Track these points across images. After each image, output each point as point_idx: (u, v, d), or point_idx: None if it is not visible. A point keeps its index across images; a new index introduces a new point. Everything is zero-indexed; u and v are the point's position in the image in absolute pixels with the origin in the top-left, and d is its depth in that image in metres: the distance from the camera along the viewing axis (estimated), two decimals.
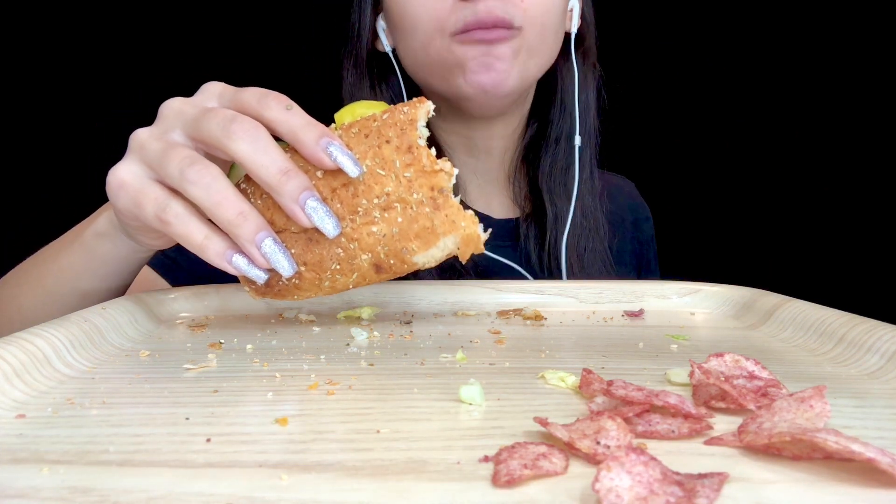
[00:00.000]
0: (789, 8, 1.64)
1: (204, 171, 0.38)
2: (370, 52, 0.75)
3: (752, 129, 1.72)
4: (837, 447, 0.21)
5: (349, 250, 0.41)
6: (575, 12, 0.73)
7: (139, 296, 0.50)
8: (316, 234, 0.41)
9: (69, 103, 1.59)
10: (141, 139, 0.41)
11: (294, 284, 0.42)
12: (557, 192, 0.76)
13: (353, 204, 0.40)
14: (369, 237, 0.40)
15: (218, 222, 0.38)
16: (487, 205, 0.80)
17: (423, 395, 0.31)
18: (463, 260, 0.41)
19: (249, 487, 0.21)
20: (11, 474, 0.22)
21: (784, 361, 0.38)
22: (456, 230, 0.40)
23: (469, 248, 0.41)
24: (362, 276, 0.42)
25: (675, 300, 0.56)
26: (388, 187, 0.40)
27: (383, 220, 0.40)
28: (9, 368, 0.31)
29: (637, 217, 0.91)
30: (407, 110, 0.40)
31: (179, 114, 0.41)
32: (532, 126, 0.79)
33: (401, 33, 0.69)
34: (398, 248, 0.41)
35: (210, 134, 0.38)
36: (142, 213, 0.40)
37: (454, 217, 0.40)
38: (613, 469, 0.20)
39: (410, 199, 0.40)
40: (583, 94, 0.77)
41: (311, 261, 0.41)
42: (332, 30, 0.96)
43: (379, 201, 0.40)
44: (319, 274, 0.41)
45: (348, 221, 0.40)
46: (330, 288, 0.43)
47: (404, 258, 0.41)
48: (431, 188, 0.40)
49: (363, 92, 0.75)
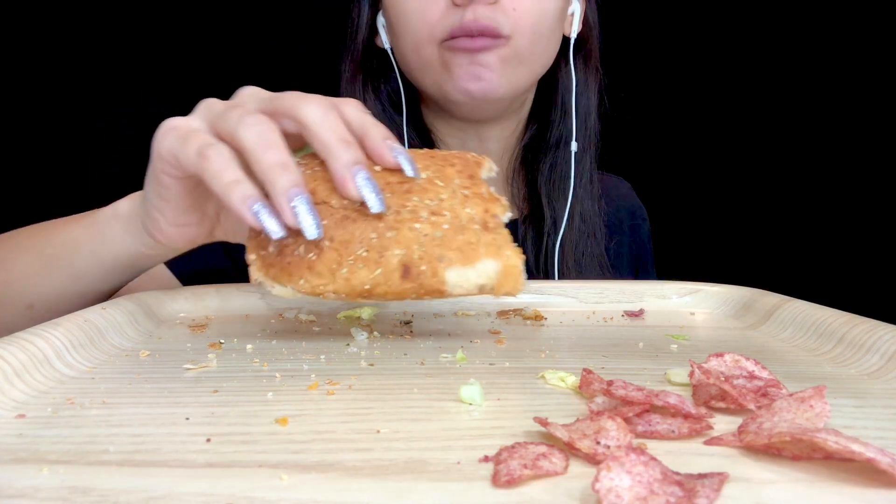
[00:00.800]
0: (790, 11, 1.64)
1: (263, 120, 0.38)
2: (367, 47, 0.75)
3: (752, 130, 1.72)
4: (837, 447, 0.21)
5: (384, 238, 0.37)
6: (576, 16, 0.72)
7: (139, 295, 0.50)
8: (353, 214, 0.38)
9: (69, 103, 1.59)
10: (208, 102, 0.41)
11: (309, 260, 0.38)
12: (556, 196, 0.76)
13: (403, 199, 0.38)
14: (410, 232, 0.38)
15: (259, 167, 0.37)
16: None
17: (423, 395, 0.31)
18: (496, 295, 0.39)
19: (249, 487, 0.21)
20: (11, 474, 0.22)
21: (784, 361, 0.38)
22: (499, 257, 0.38)
23: (507, 281, 0.38)
24: (385, 276, 0.38)
25: (675, 300, 0.56)
26: (442, 195, 0.39)
27: (429, 221, 0.38)
28: (9, 368, 0.31)
29: (634, 219, 0.90)
30: (474, 155, 0.42)
31: (252, 93, 0.41)
32: (531, 129, 0.79)
33: (395, 33, 0.70)
34: (435, 253, 0.38)
35: (284, 103, 0.39)
36: (184, 150, 0.39)
37: (501, 243, 0.38)
38: (613, 469, 0.20)
39: (462, 212, 0.39)
40: (582, 98, 0.76)
41: (340, 237, 0.38)
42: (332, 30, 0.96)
43: (430, 203, 0.39)
44: (342, 255, 0.37)
45: (394, 213, 0.38)
46: (344, 281, 0.38)
47: (437, 268, 0.38)
48: (486, 210, 0.39)
49: (358, 87, 0.75)
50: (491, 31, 0.62)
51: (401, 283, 0.38)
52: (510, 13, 0.63)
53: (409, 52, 0.68)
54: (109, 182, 1.52)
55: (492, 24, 0.62)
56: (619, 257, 0.84)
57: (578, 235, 0.76)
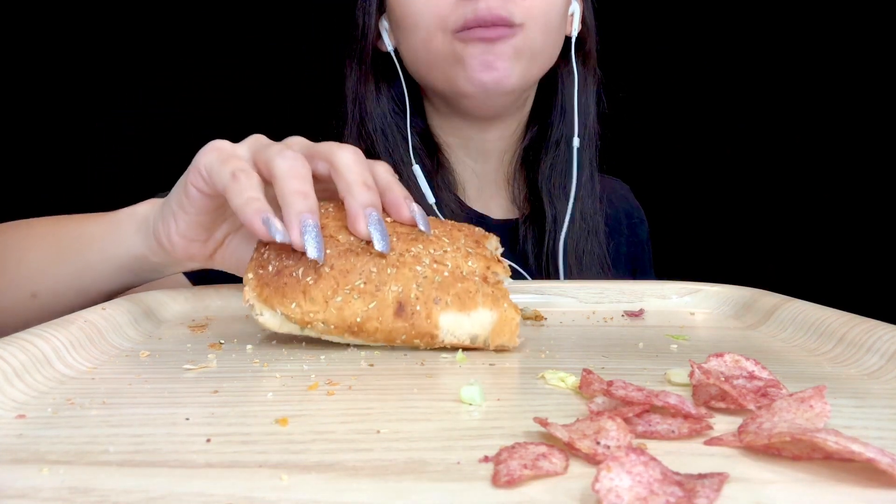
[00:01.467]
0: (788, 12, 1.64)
1: (298, 156, 0.40)
2: (375, 49, 0.75)
3: (752, 131, 1.72)
4: (837, 447, 0.21)
5: (383, 273, 0.38)
6: (576, 16, 0.73)
7: (139, 296, 0.50)
8: (358, 249, 0.39)
9: (69, 103, 1.59)
10: (257, 136, 0.44)
11: (306, 283, 0.38)
12: (557, 195, 0.76)
13: (409, 244, 0.40)
14: (410, 272, 0.39)
15: (281, 192, 0.39)
16: (486, 205, 0.81)
17: (423, 395, 0.31)
18: (491, 346, 0.39)
19: (249, 487, 0.21)
20: (11, 474, 0.22)
21: (784, 361, 0.38)
22: (496, 308, 0.39)
23: (503, 332, 0.39)
24: (378, 311, 0.38)
25: (675, 300, 0.56)
26: (447, 248, 0.41)
27: (431, 267, 0.39)
28: (9, 369, 0.31)
29: (632, 220, 0.91)
30: (482, 230, 0.44)
31: (297, 139, 0.45)
32: (532, 130, 0.79)
33: (403, 31, 0.70)
34: (432, 295, 0.38)
35: (322, 147, 0.42)
36: (220, 169, 0.41)
37: (499, 296, 0.39)
38: (613, 469, 0.20)
39: (464, 265, 0.40)
40: (582, 97, 0.77)
41: (340, 266, 0.39)
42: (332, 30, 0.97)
43: (434, 252, 0.40)
44: (339, 283, 0.38)
45: (397, 255, 0.39)
46: (336, 310, 0.38)
47: (432, 310, 0.38)
48: (487, 267, 0.41)
49: (368, 90, 0.76)
50: (505, 20, 0.63)
51: (393, 321, 0.38)
52: (521, 3, 0.64)
53: (419, 46, 0.68)
54: (109, 182, 1.52)
55: (506, 14, 0.63)
56: (617, 258, 0.84)
57: (580, 234, 0.76)
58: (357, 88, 0.76)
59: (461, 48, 0.65)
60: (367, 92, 0.76)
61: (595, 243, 0.78)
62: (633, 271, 0.89)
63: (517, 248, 0.78)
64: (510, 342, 0.39)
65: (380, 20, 0.74)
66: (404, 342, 0.39)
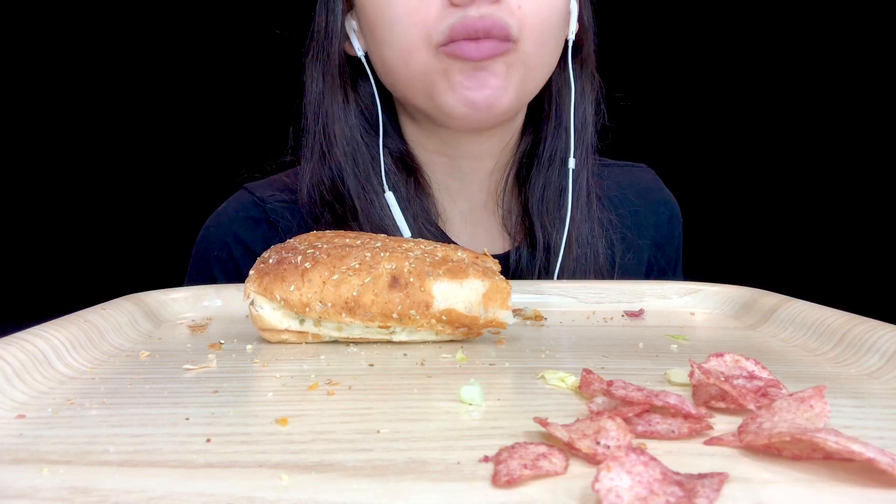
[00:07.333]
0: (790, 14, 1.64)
1: None
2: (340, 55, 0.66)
3: (752, 131, 1.72)
4: (837, 447, 0.21)
5: (377, 257, 0.41)
6: (573, 16, 0.64)
7: (139, 296, 0.50)
8: (352, 244, 0.43)
9: (69, 103, 1.59)
10: None
11: (304, 268, 0.40)
12: (550, 221, 0.68)
13: (400, 242, 0.44)
14: (402, 256, 0.41)
15: None
16: (472, 236, 0.71)
17: (423, 395, 0.31)
18: (484, 313, 0.40)
19: (249, 487, 0.21)
20: (11, 474, 0.22)
21: (784, 361, 0.38)
22: (488, 278, 0.41)
23: (495, 297, 0.40)
24: (374, 283, 0.40)
25: (675, 300, 0.56)
26: (437, 247, 0.44)
27: (423, 252, 0.42)
28: (9, 369, 0.31)
29: (658, 219, 0.79)
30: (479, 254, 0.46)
31: None
32: (524, 141, 0.71)
33: (375, 40, 0.61)
34: (424, 269, 0.40)
35: None
36: None
37: (490, 272, 0.42)
38: (613, 469, 0.20)
39: (455, 255, 0.43)
40: (580, 108, 0.68)
41: (337, 254, 0.41)
42: None
43: (425, 248, 0.43)
44: (336, 266, 0.41)
45: (391, 249, 0.42)
46: (333, 288, 0.40)
47: (425, 280, 0.40)
48: (477, 257, 0.44)
49: (334, 101, 0.66)
50: (499, 29, 0.55)
51: (388, 293, 0.40)
52: (515, 11, 0.56)
53: (396, 59, 0.59)
54: (110, 182, 1.52)
55: (500, 22, 0.55)
56: (637, 269, 0.76)
57: (575, 264, 0.68)
58: (320, 100, 0.66)
59: (448, 63, 0.57)
60: (332, 104, 0.65)
61: (594, 271, 0.69)
62: (660, 270, 0.80)
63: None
64: (502, 307, 0.40)
65: (346, 20, 0.64)
66: (400, 314, 0.40)
